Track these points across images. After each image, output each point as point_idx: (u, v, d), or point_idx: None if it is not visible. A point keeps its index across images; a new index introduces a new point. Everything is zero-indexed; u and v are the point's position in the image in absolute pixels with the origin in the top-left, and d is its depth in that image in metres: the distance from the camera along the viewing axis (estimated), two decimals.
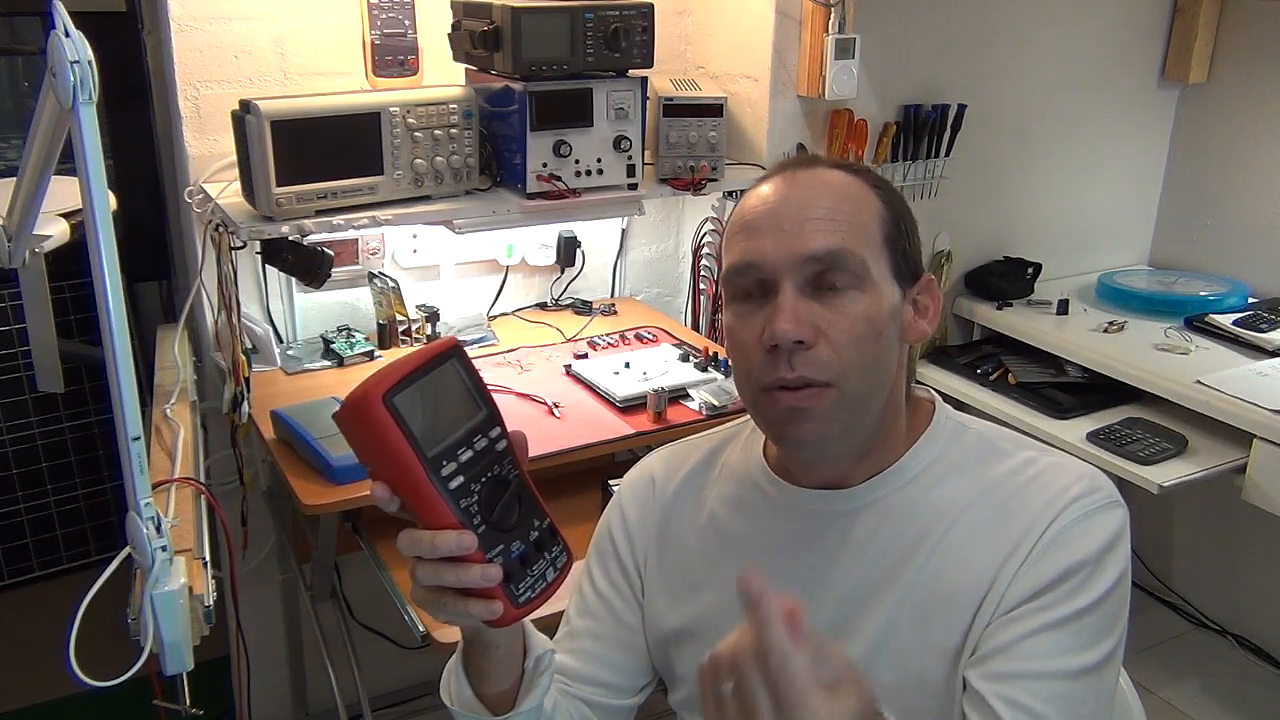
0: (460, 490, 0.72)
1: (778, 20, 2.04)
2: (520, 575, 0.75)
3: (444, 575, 0.72)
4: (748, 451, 1.05)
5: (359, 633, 2.07)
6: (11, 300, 2.59)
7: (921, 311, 0.97)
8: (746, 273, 0.91)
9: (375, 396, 0.69)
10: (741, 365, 0.93)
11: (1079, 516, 0.89)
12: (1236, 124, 2.51)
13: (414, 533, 0.73)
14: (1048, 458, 0.95)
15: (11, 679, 2.45)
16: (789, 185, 0.93)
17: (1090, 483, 0.91)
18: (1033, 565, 0.88)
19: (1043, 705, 0.84)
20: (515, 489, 0.76)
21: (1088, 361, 2.22)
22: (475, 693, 0.88)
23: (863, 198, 0.93)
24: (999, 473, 0.94)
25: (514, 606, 0.74)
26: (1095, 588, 0.87)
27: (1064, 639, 0.86)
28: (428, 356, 0.72)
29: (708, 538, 1.04)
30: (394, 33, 1.88)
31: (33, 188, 1.34)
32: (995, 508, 0.92)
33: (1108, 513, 0.90)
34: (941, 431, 0.98)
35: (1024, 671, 0.85)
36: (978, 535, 0.91)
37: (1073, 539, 0.88)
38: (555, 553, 0.78)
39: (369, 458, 0.72)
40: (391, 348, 2.04)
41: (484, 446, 0.74)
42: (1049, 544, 0.88)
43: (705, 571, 1.03)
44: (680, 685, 1.06)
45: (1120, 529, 0.90)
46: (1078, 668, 0.85)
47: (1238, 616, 2.60)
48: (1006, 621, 0.87)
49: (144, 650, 1.09)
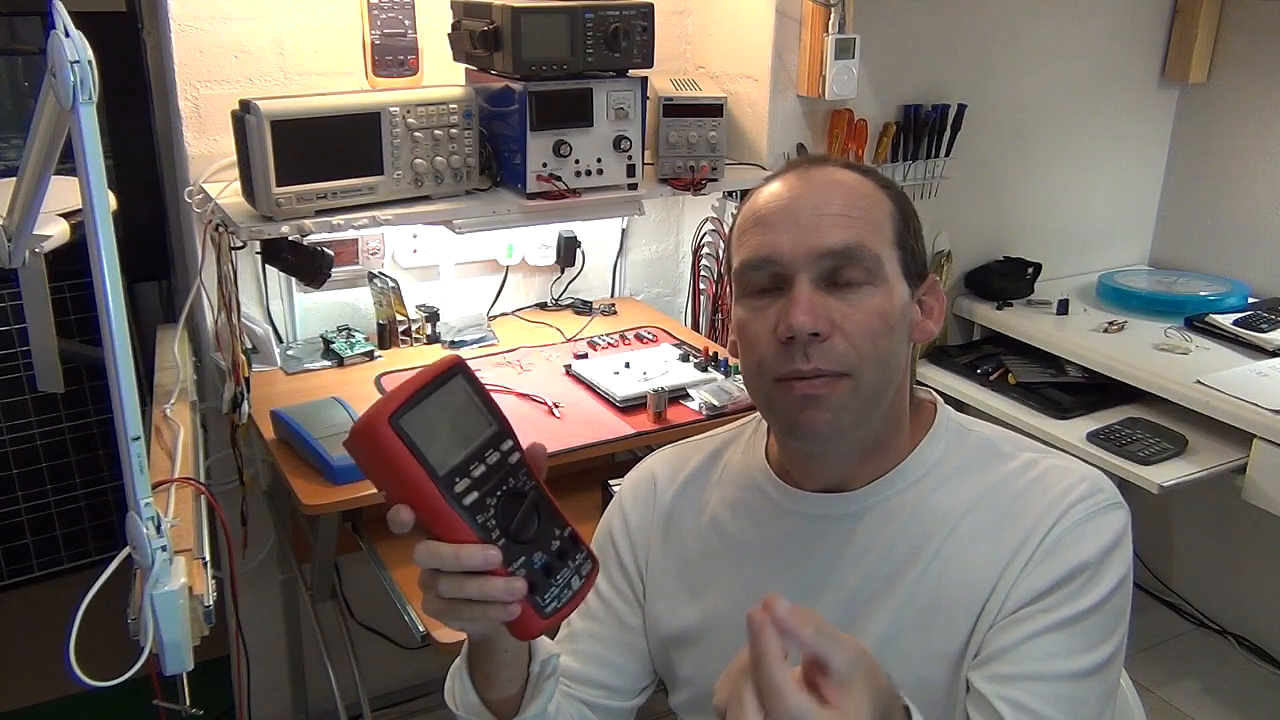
0: (476, 505, 0.72)
1: (778, 20, 2.04)
2: (545, 585, 0.74)
3: (467, 589, 0.72)
4: (750, 454, 1.05)
5: (359, 633, 2.07)
6: (11, 300, 2.59)
7: (927, 311, 0.97)
8: (761, 267, 0.91)
9: (382, 420, 0.68)
10: (752, 358, 0.92)
11: (1081, 519, 0.89)
12: (1236, 124, 2.51)
13: (434, 545, 0.71)
14: (1049, 459, 0.95)
15: (11, 679, 2.45)
16: (803, 182, 0.93)
17: (1092, 484, 0.91)
18: (1035, 568, 0.88)
19: (1047, 707, 0.84)
20: (533, 500, 0.75)
21: (1088, 361, 2.22)
22: (480, 698, 0.88)
23: (875, 196, 0.93)
24: (1001, 475, 0.94)
25: (541, 617, 0.74)
26: (1098, 590, 0.87)
27: (1067, 641, 0.86)
28: (431, 376, 0.72)
29: (709, 540, 1.04)
30: (394, 33, 1.88)
31: (33, 188, 1.34)
32: (998, 512, 0.92)
33: (1110, 514, 0.90)
34: (944, 434, 0.98)
35: (1027, 673, 0.85)
36: (980, 539, 0.91)
37: (1075, 541, 0.88)
38: (579, 560, 0.77)
39: (383, 482, 0.71)
40: (391, 348, 2.04)
41: (496, 460, 0.74)
42: (1051, 546, 0.88)
43: (707, 574, 1.03)
44: (681, 688, 1.06)
45: (1122, 530, 0.90)
46: (1081, 669, 0.85)
47: (1238, 616, 2.60)
48: (1009, 624, 0.87)
49: (144, 650, 1.09)
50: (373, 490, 1.52)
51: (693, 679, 1.04)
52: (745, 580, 1.00)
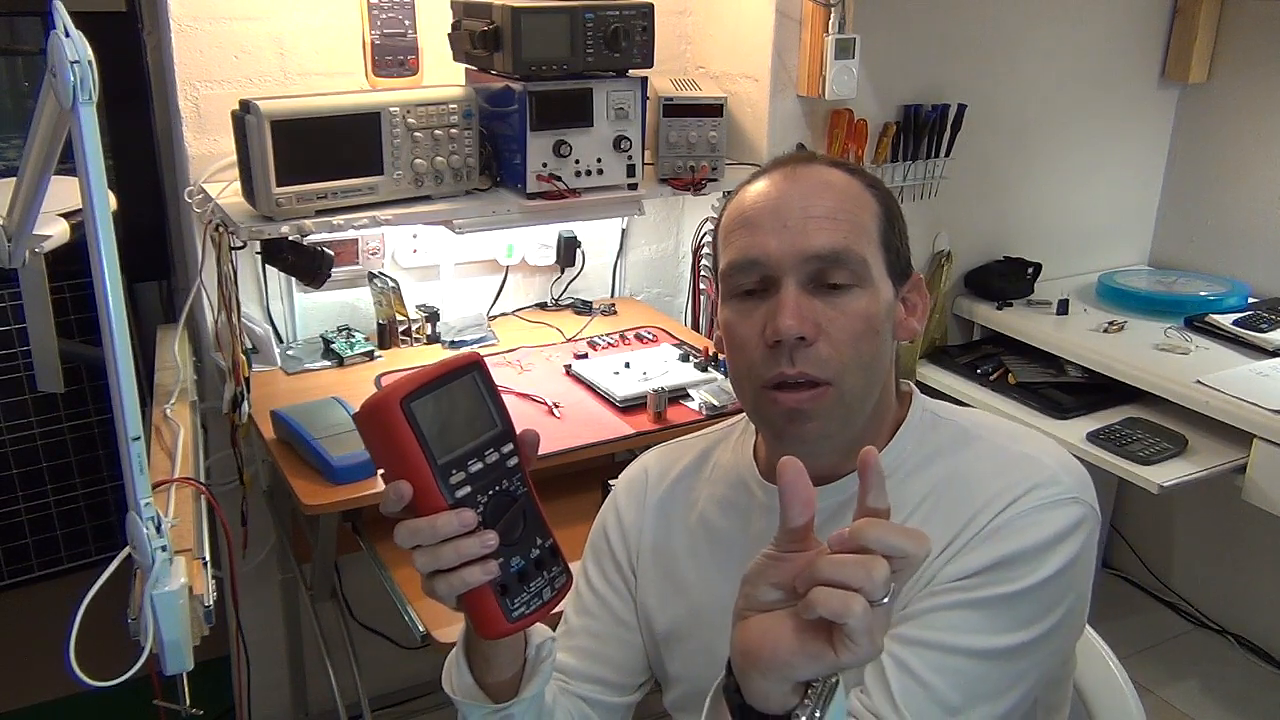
0: (466, 500, 0.73)
1: (778, 20, 2.04)
2: (517, 590, 0.76)
3: (443, 556, 0.72)
4: (738, 453, 1.06)
5: (359, 633, 2.07)
6: (11, 300, 2.59)
7: (911, 309, 0.98)
8: (748, 269, 0.91)
9: (394, 400, 0.70)
10: (740, 361, 0.93)
11: (1028, 509, 0.87)
12: (1236, 124, 2.51)
13: (411, 522, 0.73)
14: (1022, 447, 0.93)
15: (11, 679, 2.45)
16: (789, 182, 0.93)
17: (1052, 477, 0.89)
18: (969, 551, 0.87)
19: (934, 676, 0.83)
20: (521, 505, 0.77)
21: (1088, 361, 2.22)
22: (477, 681, 0.89)
23: (861, 197, 0.93)
24: (963, 460, 0.93)
25: (507, 620, 0.75)
26: (1029, 577, 0.85)
27: (976, 619, 0.84)
28: (450, 368, 0.74)
29: (698, 538, 1.04)
30: (394, 33, 1.88)
31: (33, 188, 1.34)
32: (952, 497, 0.91)
33: (1061, 509, 0.87)
34: (916, 424, 0.98)
35: (926, 640, 0.84)
36: (932, 523, 0.90)
37: (1015, 531, 0.86)
38: (555, 573, 0.78)
39: (383, 461, 0.73)
40: (391, 348, 2.04)
41: (495, 460, 0.76)
42: (990, 533, 0.87)
43: (693, 572, 1.03)
44: (673, 685, 1.06)
45: (1073, 525, 0.87)
46: (986, 648, 0.84)
47: (1238, 616, 2.60)
48: (927, 594, 0.87)
49: (144, 650, 1.09)
50: (373, 490, 1.54)
51: (682, 676, 1.05)
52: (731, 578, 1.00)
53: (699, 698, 1.05)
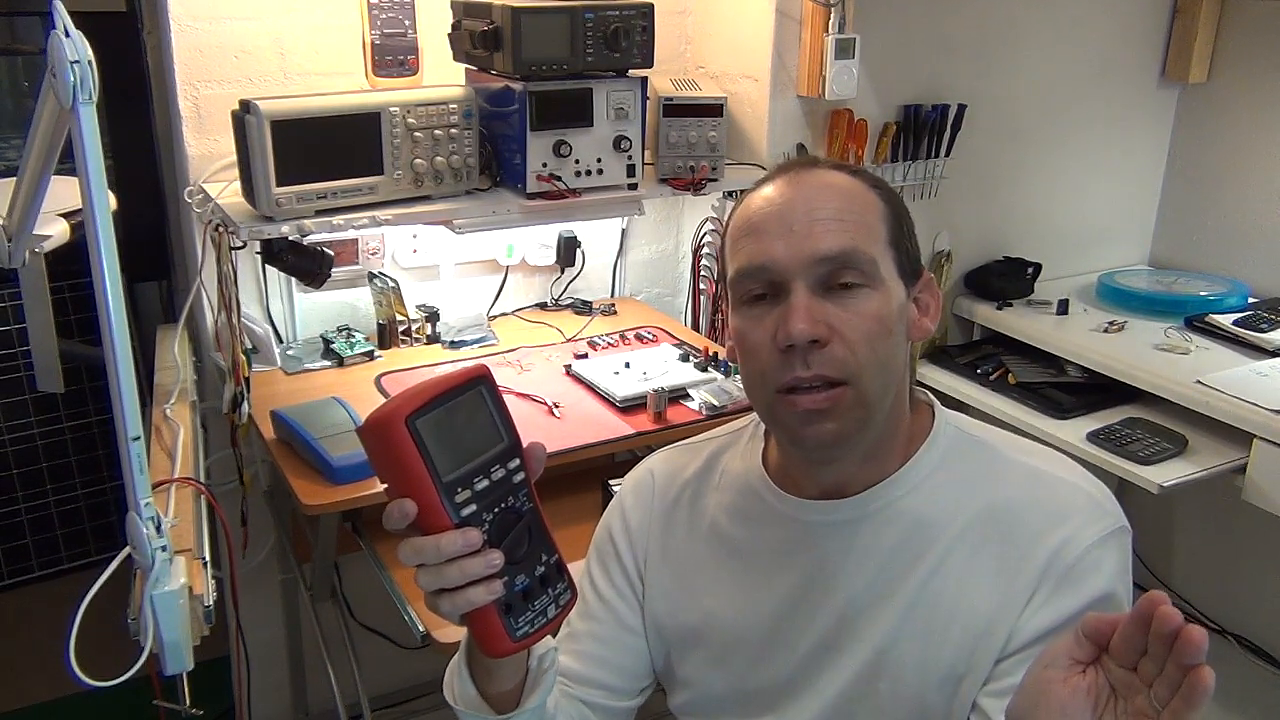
0: (471, 518, 0.72)
1: (778, 20, 2.04)
2: (522, 609, 0.75)
3: (448, 576, 0.72)
4: (747, 459, 1.05)
5: (359, 633, 2.07)
6: (11, 300, 2.59)
7: (924, 309, 0.97)
8: (757, 275, 0.91)
9: (399, 418, 0.69)
10: (753, 368, 0.92)
11: (1089, 546, 0.89)
12: (1236, 124, 2.51)
13: (415, 540, 0.72)
14: (1051, 468, 0.95)
15: (11, 679, 2.45)
16: (793, 186, 0.93)
17: (1097, 505, 0.91)
18: (1048, 601, 0.88)
19: None
20: (527, 521, 0.76)
21: (1088, 361, 2.22)
22: (479, 691, 0.88)
23: (867, 198, 0.93)
24: (1002, 488, 0.94)
25: (511, 639, 0.74)
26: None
27: None
28: (456, 382, 0.73)
29: (710, 545, 1.04)
30: (394, 33, 1.88)
31: (33, 188, 1.34)
32: (1001, 529, 0.92)
33: (1115, 541, 0.90)
34: (942, 440, 0.98)
35: None
36: (981, 556, 0.91)
37: (1087, 571, 0.88)
38: (559, 589, 0.78)
39: (387, 477, 0.72)
40: (391, 348, 2.04)
41: (501, 477, 0.75)
42: (1063, 577, 0.88)
43: (707, 579, 1.03)
44: (681, 689, 1.06)
45: (1128, 551, 0.91)
46: None
47: (1238, 616, 2.60)
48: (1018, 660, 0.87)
49: (144, 650, 1.09)
50: (373, 490, 1.54)
51: (691, 681, 1.04)
52: (744, 586, 1.00)
53: (708, 703, 1.05)
